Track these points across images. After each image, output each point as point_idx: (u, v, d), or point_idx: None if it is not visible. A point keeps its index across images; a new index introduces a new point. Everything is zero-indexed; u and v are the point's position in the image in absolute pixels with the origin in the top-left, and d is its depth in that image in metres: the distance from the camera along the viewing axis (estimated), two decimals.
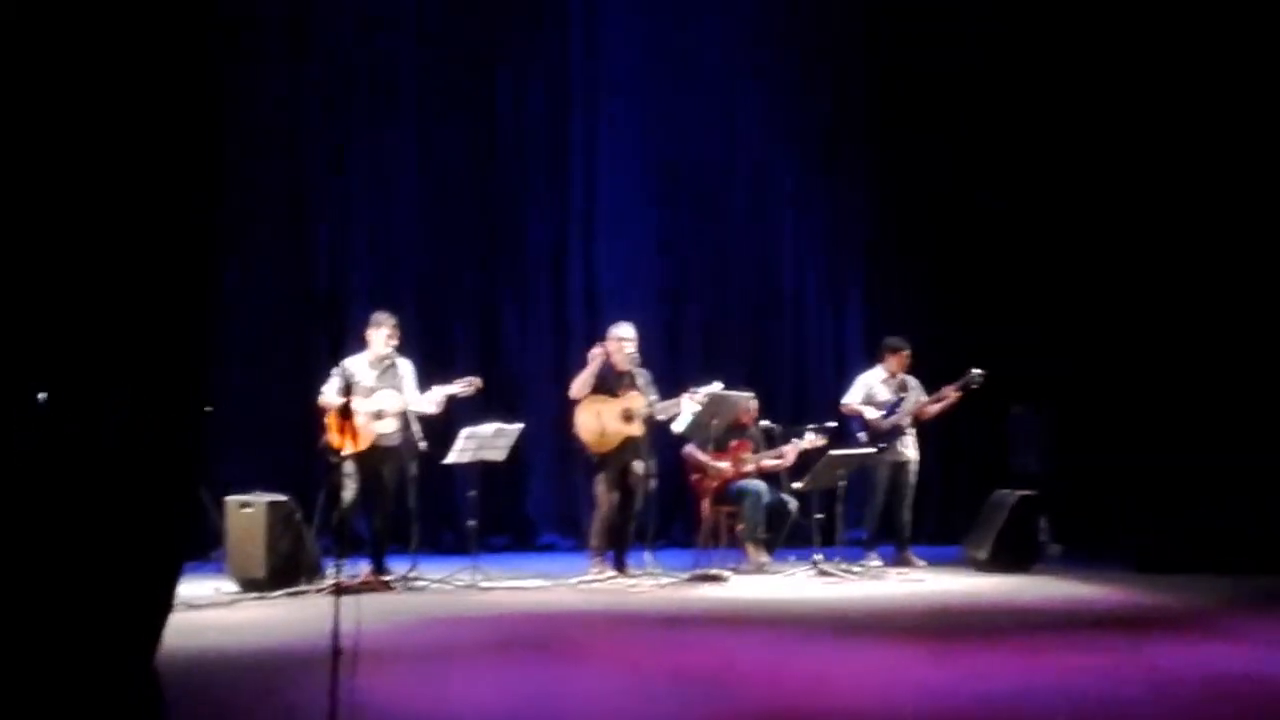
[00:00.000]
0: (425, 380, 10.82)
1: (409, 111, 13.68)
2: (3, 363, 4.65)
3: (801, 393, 14.57)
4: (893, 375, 12.51)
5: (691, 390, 11.26)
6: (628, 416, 11.16)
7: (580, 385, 11.23)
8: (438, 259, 13.79)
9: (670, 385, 12.05)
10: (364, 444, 10.23)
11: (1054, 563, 12.47)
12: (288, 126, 13.23)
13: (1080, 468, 13.62)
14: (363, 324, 10.83)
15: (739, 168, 14.95)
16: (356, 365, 10.54)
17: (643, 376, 11.33)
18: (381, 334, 10.61)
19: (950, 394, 12.39)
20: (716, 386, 11.25)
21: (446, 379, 10.80)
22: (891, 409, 12.37)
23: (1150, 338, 13.37)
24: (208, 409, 5.32)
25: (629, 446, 11.18)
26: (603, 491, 11.24)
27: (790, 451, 12.04)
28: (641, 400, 11.17)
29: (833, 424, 12.29)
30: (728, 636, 8.78)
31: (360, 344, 10.76)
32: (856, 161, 15.19)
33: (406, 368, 10.71)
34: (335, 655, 5.28)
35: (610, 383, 11.28)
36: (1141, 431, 13.14)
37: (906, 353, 12.51)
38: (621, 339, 11.32)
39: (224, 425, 11.88)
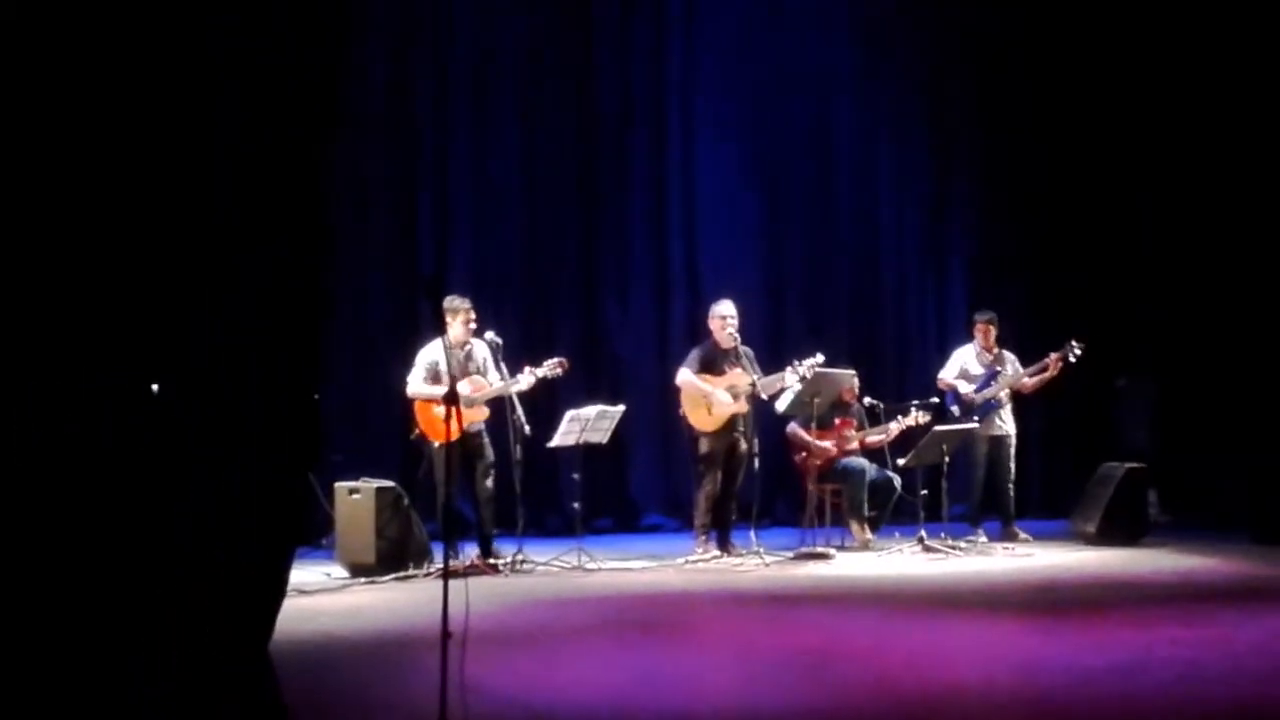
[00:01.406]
0: (523, 361, 10.83)
1: (510, 98, 13.70)
2: (117, 353, 4.75)
3: (904, 369, 14.48)
4: (987, 350, 12.38)
5: (794, 364, 11.22)
6: (734, 394, 11.14)
7: (682, 381, 11.28)
8: (539, 242, 13.82)
9: (773, 364, 12.02)
10: (455, 434, 10.18)
11: (1164, 535, 12.33)
12: (394, 113, 13.30)
13: (1188, 439, 13.44)
14: (453, 310, 10.83)
15: (837, 147, 14.83)
16: (436, 353, 10.51)
17: (746, 354, 11.30)
18: (459, 320, 10.60)
19: (1048, 366, 12.23)
20: (818, 359, 11.20)
21: (538, 364, 10.79)
22: (985, 382, 12.25)
23: (1260, 306, 13.14)
24: (316, 395, 5.39)
25: (734, 424, 11.17)
26: (707, 470, 11.24)
27: (894, 428, 11.98)
28: (746, 378, 11.12)
29: (935, 400, 12.23)
30: (833, 615, 8.77)
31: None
32: (958, 140, 15.05)
33: (483, 349, 10.71)
34: (444, 638, 5.33)
35: (715, 361, 11.28)
36: (1250, 400, 12.92)
37: (987, 322, 12.34)
38: (724, 317, 11.33)
39: (333, 412, 12.07)
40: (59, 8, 4.64)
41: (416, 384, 10.56)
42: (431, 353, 10.54)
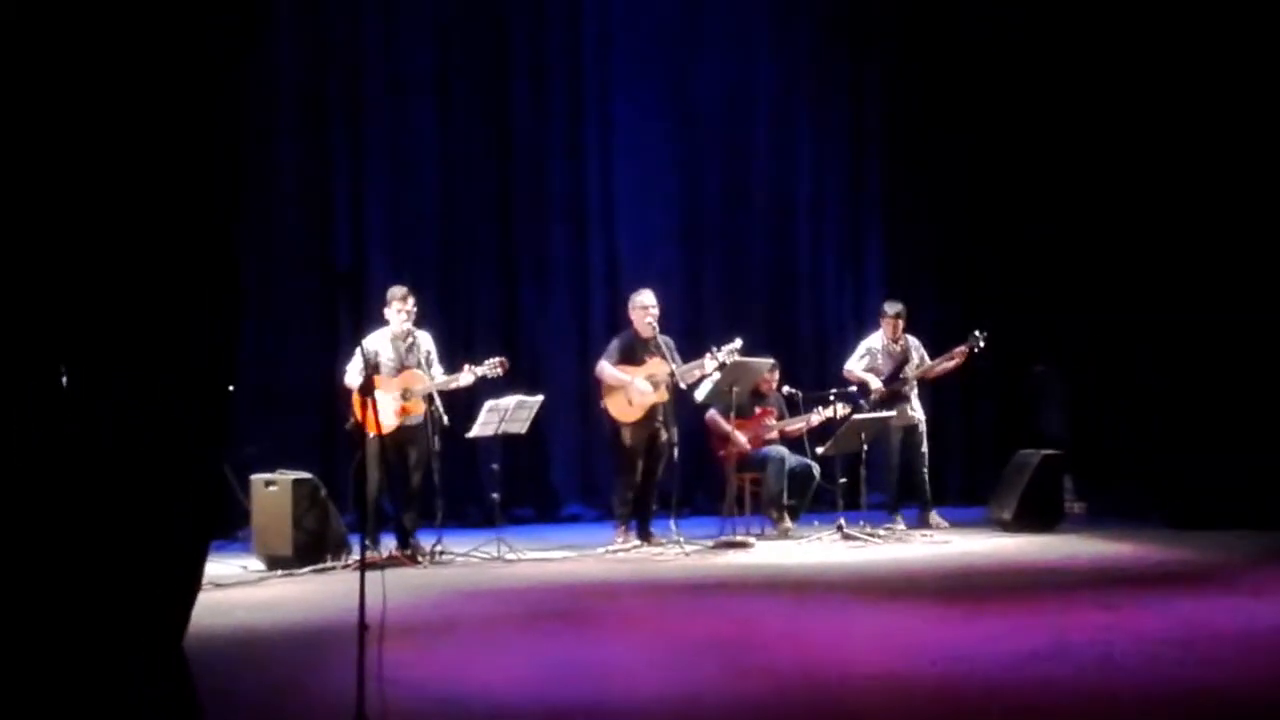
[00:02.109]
0: (449, 355, 10.84)
1: (426, 84, 13.62)
2: (24, 344, 4.66)
3: (822, 359, 14.51)
4: (894, 339, 12.45)
5: (713, 350, 11.24)
6: (654, 383, 11.15)
7: (600, 372, 11.36)
8: (457, 233, 13.75)
9: (692, 354, 12.05)
10: (391, 426, 10.15)
11: (1079, 522, 12.47)
12: (308, 101, 13.18)
13: (1103, 425, 13.59)
14: (384, 300, 10.80)
15: (756, 136, 14.88)
16: (379, 343, 10.50)
17: (665, 343, 11.31)
18: (393, 309, 10.54)
19: (953, 356, 12.33)
20: (736, 344, 11.21)
21: (468, 352, 10.84)
22: (893, 374, 12.31)
23: (1173, 290, 13.27)
24: (230, 387, 5.32)
25: (654, 414, 11.20)
26: (628, 461, 11.28)
27: (814, 419, 12.03)
28: (665, 366, 11.14)
29: (854, 388, 12.29)
30: (753, 603, 8.80)
31: (381, 321, 10.72)
32: (873, 126, 15.12)
33: (427, 341, 10.69)
34: (362, 630, 5.29)
35: (634, 350, 11.31)
36: (1164, 387, 13.07)
37: (893, 316, 12.39)
38: (645, 306, 11.35)
39: (247, 404, 11.96)
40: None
41: (351, 375, 10.46)
42: (371, 342, 10.42)
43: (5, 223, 4.59)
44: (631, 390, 11.17)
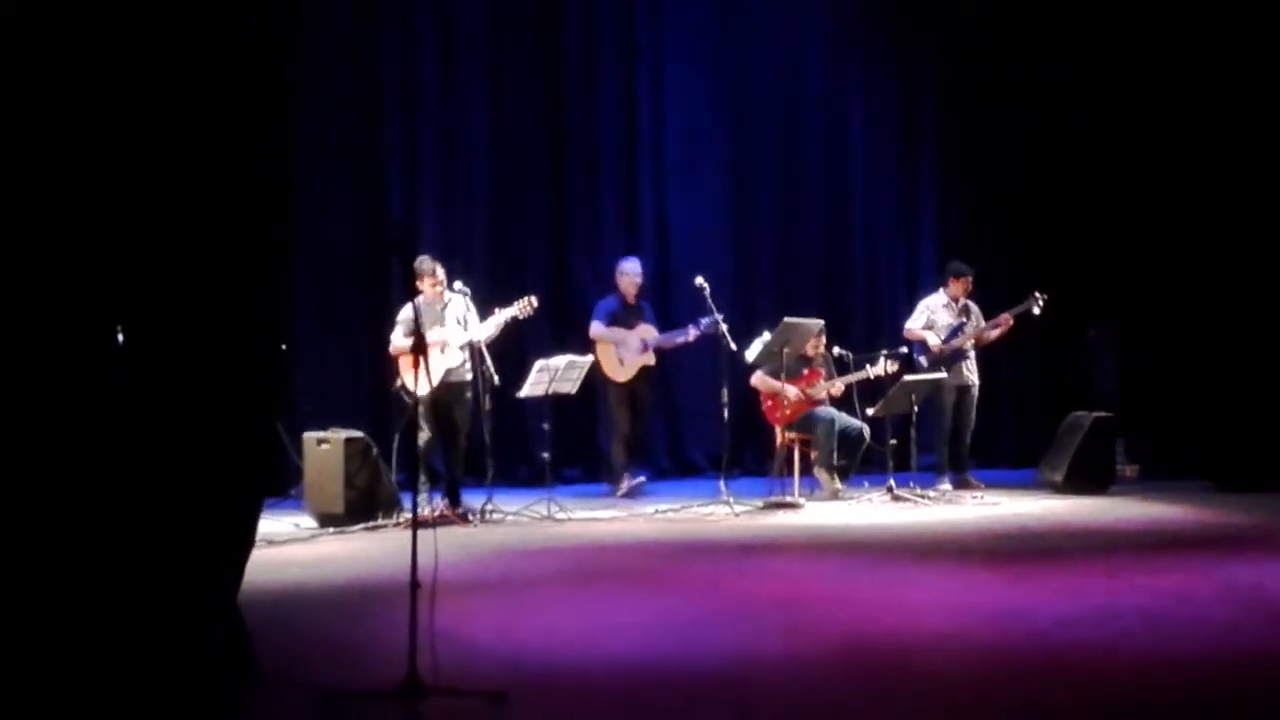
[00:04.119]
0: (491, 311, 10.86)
1: (478, 48, 13.61)
2: (82, 303, 4.71)
3: (874, 319, 14.47)
4: (955, 300, 12.41)
5: (696, 321, 11.71)
6: (644, 348, 12.00)
7: (598, 334, 12.07)
8: (509, 195, 13.75)
9: (743, 313, 12.12)
10: (435, 381, 10.27)
11: (1130, 484, 12.42)
12: (360, 67, 13.21)
13: (1157, 388, 13.50)
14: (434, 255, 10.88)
15: (808, 95, 14.79)
16: (412, 312, 10.54)
17: (646, 307, 12.26)
18: (425, 283, 10.62)
19: (1009, 319, 12.29)
20: (718, 317, 11.41)
21: (519, 317, 10.83)
22: (952, 333, 12.28)
23: (1229, 255, 13.17)
24: (284, 346, 5.37)
25: (643, 374, 12.03)
26: (621, 416, 12.19)
27: (854, 379, 11.99)
28: (651, 331, 12.06)
29: (904, 350, 12.25)
30: (802, 563, 8.81)
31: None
32: (928, 85, 15.02)
33: (462, 301, 10.74)
34: (413, 588, 5.34)
35: (622, 315, 12.08)
36: (1218, 350, 12.98)
37: (969, 278, 12.40)
38: (634, 275, 12.23)
39: (301, 362, 12.05)
40: None
41: (396, 339, 10.61)
42: (410, 308, 10.51)
43: (65, 182, 4.63)
44: (623, 351, 11.92)
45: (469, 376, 10.65)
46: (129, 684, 4.61)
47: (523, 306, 10.75)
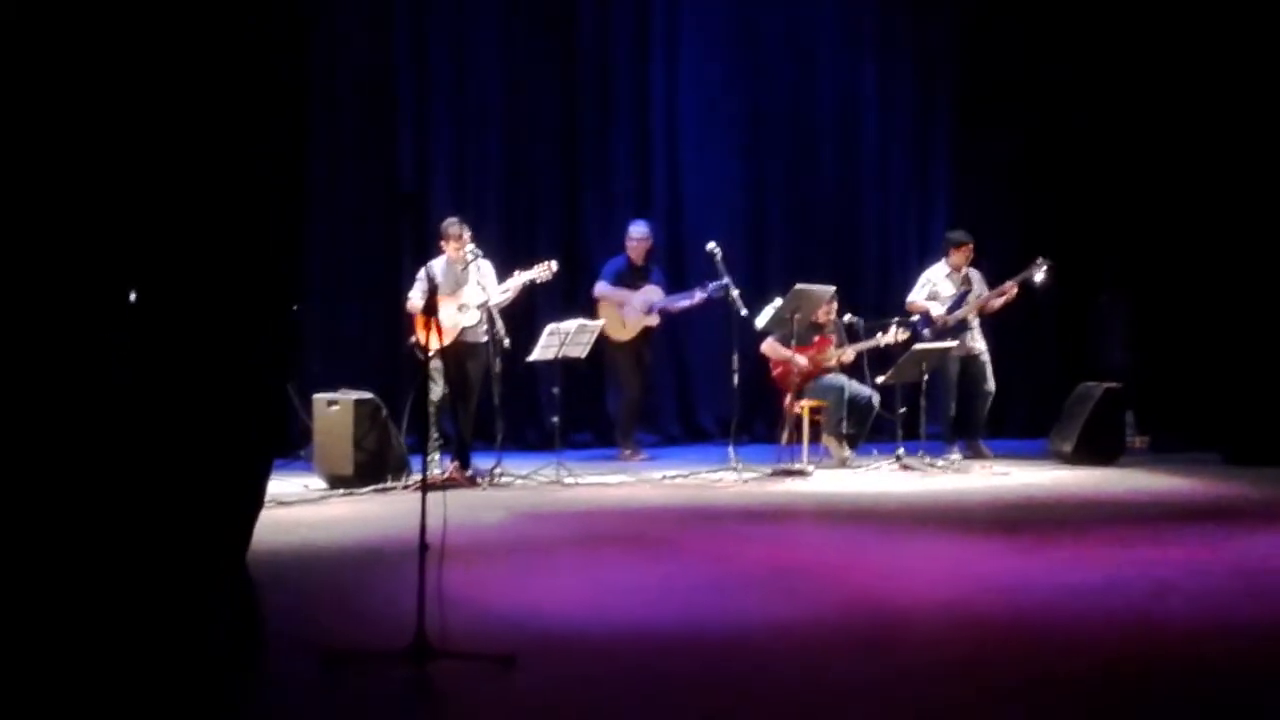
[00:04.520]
0: (506, 275, 10.89)
1: (492, 13, 13.60)
2: (92, 261, 4.71)
3: (885, 287, 14.45)
4: (957, 270, 12.41)
5: (704, 284, 11.86)
6: (648, 309, 12.09)
7: (603, 292, 12.24)
8: (521, 158, 13.76)
9: (754, 279, 12.11)
10: (449, 339, 10.33)
11: (1139, 455, 12.42)
12: (373, 27, 13.19)
13: (1167, 360, 13.49)
14: (442, 227, 10.94)
15: (821, 62, 14.76)
16: (436, 267, 10.63)
17: (656, 272, 12.32)
18: (450, 244, 10.72)
19: (1013, 286, 12.28)
20: (724, 281, 11.44)
21: (526, 269, 10.87)
22: (956, 304, 12.28)
23: (1239, 226, 13.13)
24: (294, 307, 5.37)
25: (645, 336, 12.15)
26: (625, 377, 12.35)
27: (865, 346, 11.98)
28: (658, 294, 12.15)
29: (915, 317, 12.24)
30: (810, 531, 8.83)
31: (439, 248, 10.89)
32: (941, 53, 14.96)
33: (486, 266, 10.79)
34: (422, 550, 5.35)
35: (628, 277, 12.18)
36: (1229, 322, 12.96)
37: (969, 246, 12.38)
38: (639, 238, 12.38)
39: (311, 323, 12.06)
40: None
41: (413, 299, 10.70)
42: (431, 268, 10.55)
43: (77, 143, 4.63)
44: (626, 311, 12.04)
45: (484, 338, 10.69)
46: (136, 646, 4.63)
47: (542, 270, 10.80)
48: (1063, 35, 14.32)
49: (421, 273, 10.64)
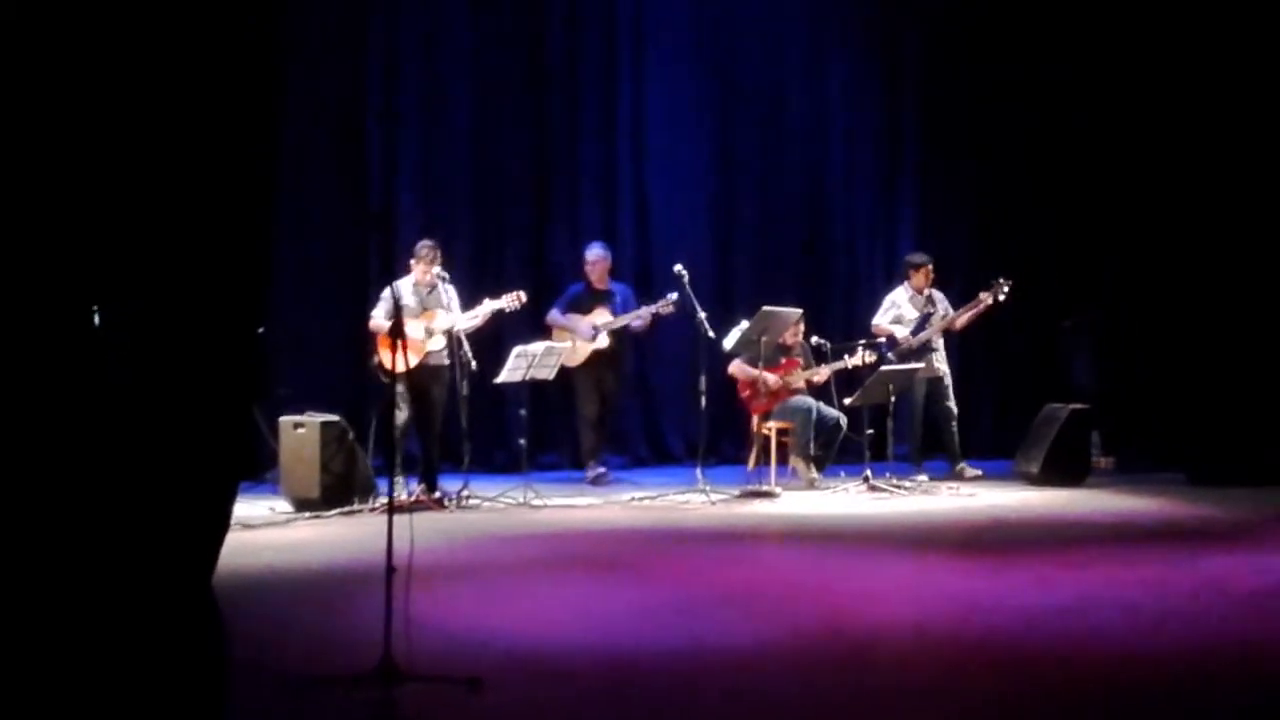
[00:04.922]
0: (474, 298, 10.92)
1: (461, 31, 13.61)
2: (56, 280, 4.69)
3: (853, 309, 14.47)
4: (919, 292, 12.49)
5: (660, 301, 11.79)
6: (594, 333, 11.99)
7: (555, 321, 12.14)
8: (488, 179, 13.76)
9: (721, 302, 12.11)
10: (413, 363, 10.31)
11: (1105, 476, 12.47)
12: (343, 46, 13.18)
13: (1132, 381, 13.56)
14: (414, 243, 10.96)
15: (789, 85, 14.80)
16: (403, 288, 10.65)
17: (620, 294, 12.20)
18: (419, 269, 10.74)
19: (977, 304, 12.35)
20: (672, 297, 11.57)
21: (495, 296, 10.91)
22: (919, 326, 12.34)
23: (1205, 249, 13.23)
24: (260, 329, 5.35)
25: (599, 360, 11.98)
26: (582, 401, 12.19)
27: (826, 370, 12.00)
28: (607, 315, 11.98)
29: (881, 340, 12.28)
30: (778, 552, 8.85)
31: (407, 268, 10.89)
32: (908, 77, 15.01)
33: (451, 290, 10.82)
34: (389, 573, 5.34)
35: (583, 301, 12.11)
36: (1194, 345, 13.04)
37: (928, 267, 12.52)
38: (593, 261, 12.26)
39: (278, 345, 12.02)
40: None
41: (377, 318, 10.68)
42: (396, 288, 10.54)
43: (38, 160, 4.61)
44: (575, 337, 11.90)
45: (446, 361, 10.69)
46: (99, 668, 4.60)
47: (510, 300, 10.82)
48: (1029, 48, 14.38)
49: (386, 292, 10.62)
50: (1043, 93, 14.36)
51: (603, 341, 11.96)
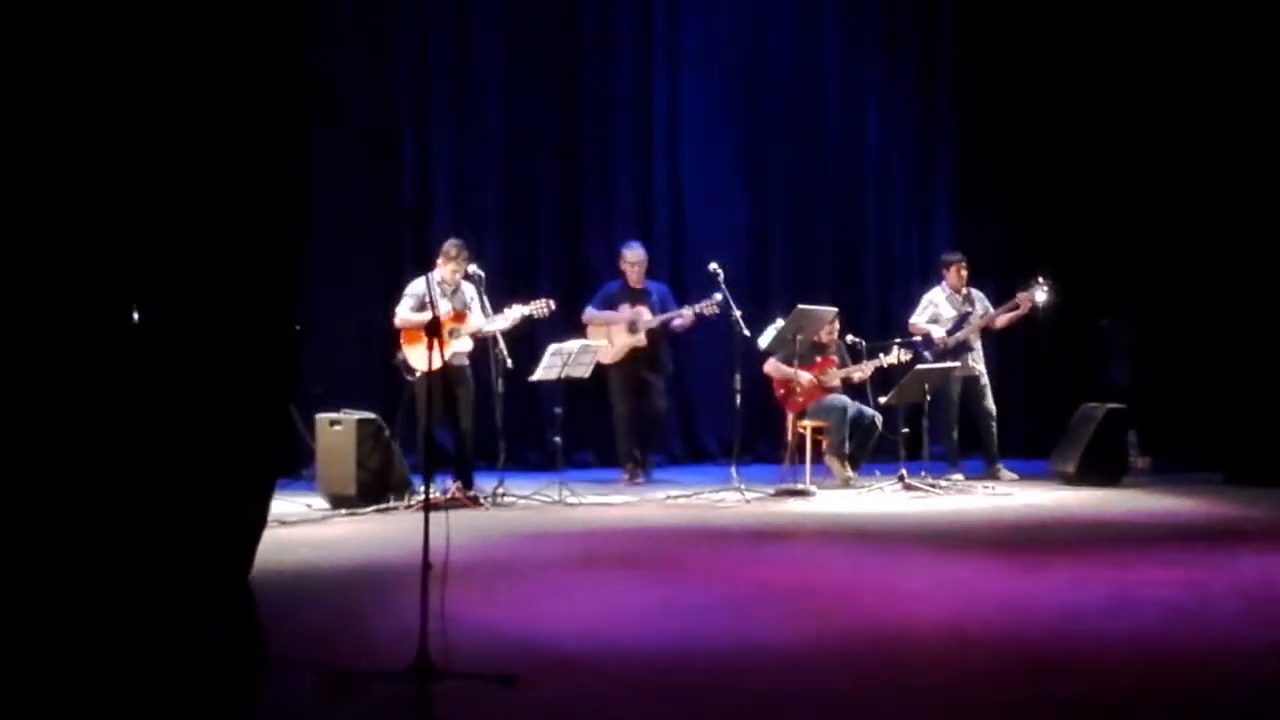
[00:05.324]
0: (506, 298, 10.89)
1: (493, 29, 13.63)
2: (99, 281, 4.72)
3: (888, 309, 14.45)
4: (956, 290, 12.43)
5: (705, 302, 11.61)
6: (632, 329, 11.83)
7: (592, 318, 12.03)
8: (523, 176, 13.77)
9: (757, 299, 12.11)
10: (437, 363, 10.28)
11: (1142, 476, 12.40)
12: (376, 45, 13.21)
13: (1169, 380, 13.50)
14: (445, 241, 10.93)
15: (825, 80, 14.78)
16: (424, 285, 10.58)
17: (657, 292, 12.09)
18: (449, 265, 10.65)
19: (1018, 305, 12.29)
20: (716, 298, 11.50)
21: (529, 297, 10.90)
22: (957, 325, 12.28)
23: (1241, 247, 13.15)
24: (297, 326, 5.38)
25: (637, 357, 11.86)
26: (616, 399, 12.08)
27: (869, 366, 11.98)
28: (646, 313, 11.85)
29: (917, 338, 12.24)
30: (813, 551, 8.82)
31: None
32: (943, 74, 14.97)
33: (471, 290, 10.78)
34: (425, 570, 5.35)
35: (623, 300, 11.97)
36: (1231, 342, 12.97)
37: (961, 263, 12.43)
38: (631, 261, 12.09)
39: (314, 343, 12.05)
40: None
41: (404, 313, 10.65)
42: (421, 284, 10.55)
43: (83, 163, 4.64)
44: (613, 332, 11.81)
45: (467, 360, 10.71)
46: (140, 664, 4.63)
47: (539, 307, 10.76)
48: (1062, 64, 14.32)
49: (411, 287, 10.64)
50: (1082, 91, 14.28)
51: (639, 339, 11.87)
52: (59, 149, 4.62)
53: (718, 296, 11.42)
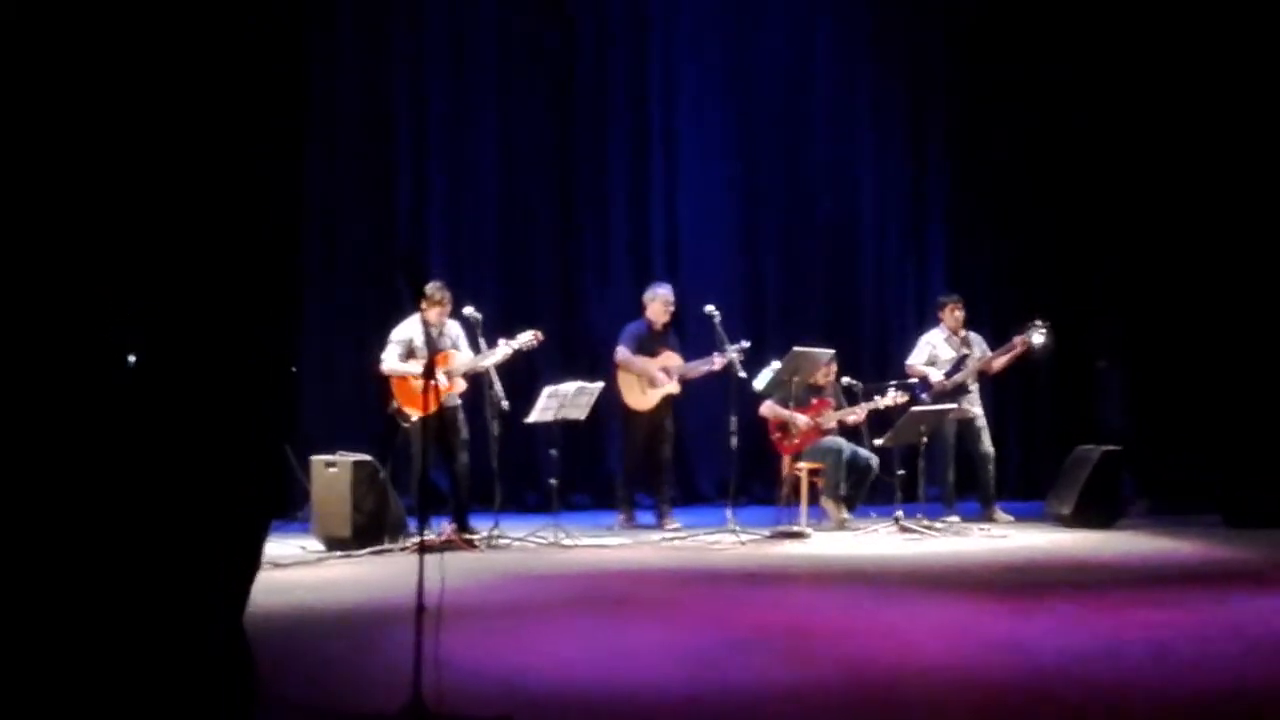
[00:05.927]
0: (503, 334, 10.90)
1: (489, 62, 13.69)
2: (93, 324, 4.72)
3: (883, 350, 14.48)
4: (954, 332, 12.44)
5: (722, 350, 11.46)
6: (671, 377, 11.72)
7: (630, 363, 11.79)
8: (517, 218, 13.82)
9: (753, 343, 12.13)
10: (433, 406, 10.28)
11: (1138, 518, 12.39)
12: (369, 88, 13.28)
13: (1165, 422, 13.50)
14: (442, 281, 10.93)
15: (819, 121, 14.85)
16: (411, 330, 10.57)
17: (672, 336, 11.96)
18: (434, 309, 10.63)
19: (1015, 347, 12.29)
20: (744, 345, 11.45)
21: (511, 337, 10.89)
22: (955, 368, 12.29)
23: (1237, 291, 13.18)
24: (293, 369, 5.39)
25: (665, 403, 11.75)
26: (635, 447, 11.99)
27: (864, 408, 11.98)
28: (677, 360, 11.74)
29: (914, 380, 12.25)
30: (809, 593, 8.80)
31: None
32: (938, 117, 15.04)
33: (455, 329, 10.79)
34: (420, 612, 5.34)
35: (648, 342, 11.83)
36: (1227, 384, 12.98)
37: (957, 304, 12.43)
38: (668, 301, 11.91)
39: (308, 385, 12.06)
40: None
41: (391, 361, 10.64)
42: (406, 330, 10.58)
43: (74, 204, 4.65)
44: (653, 379, 11.67)
45: (459, 401, 10.71)
46: (131, 706, 4.61)
47: (527, 340, 10.76)
48: (1060, 94, 14.36)
49: (395, 334, 10.64)
50: (1075, 130, 14.33)
51: (675, 387, 11.78)
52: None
53: (745, 344, 11.40)
